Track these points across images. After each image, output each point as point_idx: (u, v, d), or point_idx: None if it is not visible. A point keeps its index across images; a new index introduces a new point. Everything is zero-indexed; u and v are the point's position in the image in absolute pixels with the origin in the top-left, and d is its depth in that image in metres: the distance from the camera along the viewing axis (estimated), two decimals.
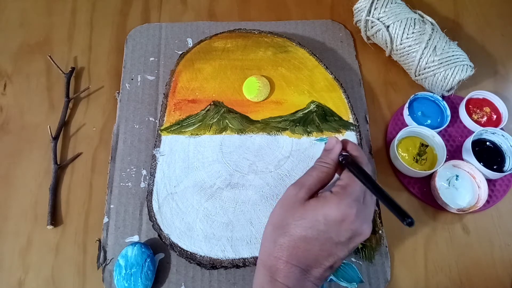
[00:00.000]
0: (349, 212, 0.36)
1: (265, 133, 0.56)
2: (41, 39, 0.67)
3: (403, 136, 0.58)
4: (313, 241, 0.36)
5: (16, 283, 0.50)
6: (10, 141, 0.58)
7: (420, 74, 0.61)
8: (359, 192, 0.37)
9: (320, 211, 0.36)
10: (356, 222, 0.36)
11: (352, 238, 0.37)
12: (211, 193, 0.52)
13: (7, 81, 0.63)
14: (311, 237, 0.36)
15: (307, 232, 0.36)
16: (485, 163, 0.56)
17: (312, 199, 0.38)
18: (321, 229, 0.36)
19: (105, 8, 0.70)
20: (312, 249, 0.37)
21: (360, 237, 0.37)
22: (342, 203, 0.36)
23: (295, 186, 0.39)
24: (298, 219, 0.37)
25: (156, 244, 0.51)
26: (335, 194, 0.37)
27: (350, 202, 0.36)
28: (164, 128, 0.56)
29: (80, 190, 0.55)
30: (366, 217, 0.38)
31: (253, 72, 0.60)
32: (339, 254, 0.37)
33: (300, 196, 0.38)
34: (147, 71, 0.63)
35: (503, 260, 0.53)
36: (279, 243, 0.37)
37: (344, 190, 0.37)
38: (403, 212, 0.33)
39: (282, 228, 0.38)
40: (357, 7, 0.64)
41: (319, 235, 0.36)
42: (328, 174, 0.40)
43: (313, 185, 0.39)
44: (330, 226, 0.36)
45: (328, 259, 0.37)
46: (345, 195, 0.37)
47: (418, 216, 0.55)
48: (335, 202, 0.36)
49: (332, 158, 0.41)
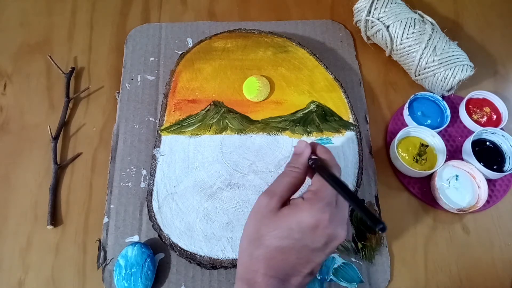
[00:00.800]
0: (322, 217, 0.35)
1: (265, 133, 0.56)
2: (41, 39, 0.67)
3: (403, 136, 0.58)
4: (289, 251, 0.36)
5: (16, 283, 0.50)
6: (10, 141, 0.58)
7: (420, 74, 0.61)
8: (331, 196, 0.37)
9: (293, 219, 0.36)
10: (330, 227, 0.36)
11: (328, 243, 0.36)
12: (211, 193, 0.52)
13: (7, 81, 0.63)
14: (286, 247, 0.36)
15: (282, 242, 0.36)
16: (485, 163, 0.56)
17: (284, 208, 0.37)
18: (296, 237, 0.36)
19: (105, 8, 0.70)
20: (289, 258, 0.36)
21: (336, 241, 0.37)
22: (314, 209, 0.35)
23: (266, 195, 0.38)
24: (272, 229, 0.36)
25: (156, 244, 0.51)
26: (306, 200, 0.36)
27: (322, 207, 0.36)
28: (164, 128, 0.56)
29: (80, 190, 0.55)
30: (339, 220, 0.37)
31: (253, 72, 0.60)
32: (316, 260, 0.37)
33: (271, 205, 0.37)
34: (147, 71, 0.63)
35: (503, 260, 0.53)
36: (255, 256, 0.37)
37: (316, 195, 0.37)
38: (374, 217, 0.32)
39: (257, 240, 0.37)
40: (357, 7, 0.64)
41: (294, 244, 0.36)
42: (298, 179, 0.39)
43: (284, 192, 0.38)
44: (305, 233, 0.35)
45: (306, 266, 0.37)
46: (316, 200, 0.36)
47: (418, 216, 0.55)
48: (307, 208, 0.36)
49: (301, 162, 0.40)
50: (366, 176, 0.56)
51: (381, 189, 0.56)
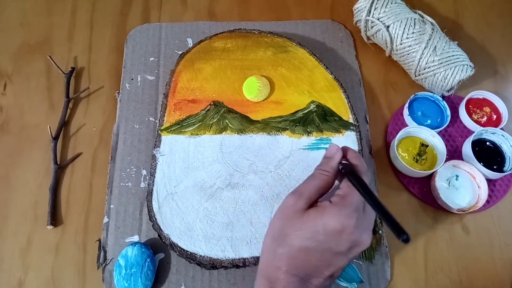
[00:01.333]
0: (348, 222, 0.35)
1: (265, 133, 0.56)
2: (41, 39, 0.67)
3: (403, 136, 0.58)
4: (312, 252, 0.36)
5: (16, 283, 0.50)
6: (10, 141, 0.58)
7: (420, 74, 0.61)
8: (358, 202, 0.37)
9: (319, 222, 0.36)
10: (355, 233, 0.36)
11: (352, 248, 0.37)
12: (211, 193, 0.52)
13: (7, 81, 0.63)
14: (310, 248, 0.36)
15: (306, 243, 0.36)
16: (485, 163, 0.56)
17: (311, 209, 0.37)
18: (320, 239, 0.36)
19: (105, 8, 0.70)
20: (311, 259, 0.36)
21: (360, 247, 0.37)
22: (341, 214, 0.36)
23: (294, 195, 0.39)
24: (297, 229, 0.37)
25: (156, 244, 0.51)
26: (334, 204, 0.37)
27: (349, 213, 0.36)
28: (164, 128, 0.56)
29: (80, 190, 0.55)
30: (365, 227, 0.37)
31: (253, 72, 0.60)
32: (339, 264, 0.37)
33: (299, 205, 0.38)
34: (147, 71, 0.63)
35: (503, 260, 0.53)
36: (279, 253, 0.37)
37: (343, 200, 0.37)
38: (399, 228, 0.32)
39: (281, 238, 0.37)
40: (357, 7, 0.64)
41: (318, 246, 0.36)
42: (328, 182, 0.40)
43: (312, 194, 0.39)
44: (330, 237, 0.36)
45: (328, 269, 0.37)
46: (344, 205, 0.36)
47: (418, 216, 0.55)
48: (334, 212, 0.36)
49: (332, 166, 0.40)
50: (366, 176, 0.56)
51: (381, 189, 0.56)
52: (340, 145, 0.55)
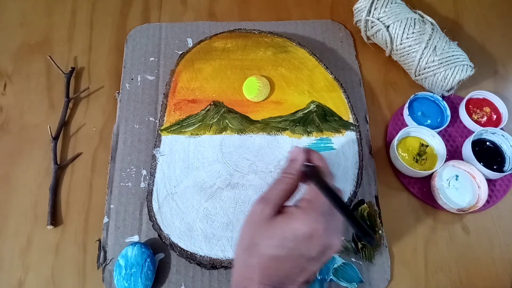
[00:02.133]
0: (317, 227, 0.35)
1: (265, 133, 0.56)
2: (41, 39, 0.67)
3: (403, 136, 0.58)
4: (283, 259, 0.35)
5: (16, 283, 0.50)
6: (10, 141, 0.58)
7: (420, 74, 0.61)
8: (325, 205, 0.36)
9: (287, 228, 0.35)
10: (325, 236, 0.35)
11: (323, 252, 0.36)
12: (211, 193, 0.52)
13: (7, 81, 0.63)
14: (281, 256, 0.35)
15: (276, 251, 0.35)
16: (485, 163, 0.56)
17: (279, 216, 0.37)
18: (290, 246, 0.35)
19: (105, 8, 0.70)
20: (283, 267, 0.36)
21: (330, 250, 0.36)
22: (309, 218, 0.35)
23: (260, 203, 0.38)
24: (266, 238, 0.36)
25: (156, 244, 0.51)
26: (301, 209, 0.36)
27: (317, 217, 0.35)
28: (164, 128, 0.56)
29: (80, 190, 0.55)
30: (335, 229, 0.37)
31: (253, 72, 0.60)
32: (311, 269, 0.36)
33: (266, 213, 0.37)
34: (147, 71, 0.63)
35: (503, 260, 0.53)
36: (250, 264, 0.36)
37: (311, 204, 0.36)
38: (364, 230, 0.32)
39: (251, 248, 0.36)
40: (357, 7, 0.64)
41: (289, 253, 0.35)
42: (293, 185, 0.39)
43: (279, 199, 0.38)
44: (299, 243, 0.35)
45: (301, 275, 0.36)
46: (311, 209, 0.36)
47: (418, 216, 0.55)
48: (301, 217, 0.35)
49: (296, 169, 0.40)
50: (366, 176, 0.56)
51: (381, 189, 0.56)
52: (340, 145, 0.55)
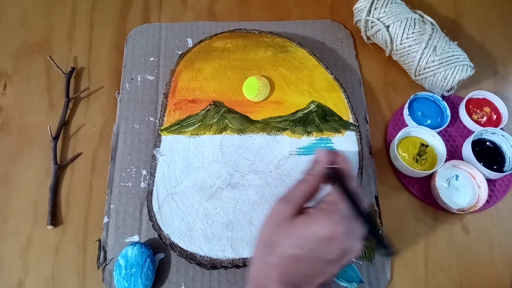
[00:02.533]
0: (338, 230, 0.34)
1: (265, 133, 0.56)
2: (41, 39, 0.67)
3: (403, 136, 0.58)
4: (302, 260, 0.35)
5: (16, 283, 0.50)
6: (10, 141, 0.58)
7: (420, 74, 0.61)
8: (348, 209, 0.36)
9: (308, 229, 0.35)
10: (345, 240, 0.35)
11: (342, 255, 0.36)
12: (211, 193, 0.52)
13: (7, 81, 0.63)
14: (300, 256, 0.35)
15: (296, 251, 0.35)
16: (485, 163, 0.56)
17: (300, 216, 0.36)
18: (310, 247, 0.35)
19: (105, 8, 0.70)
20: (302, 267, 0.35)
21: (351, 254, 0.36)
22: (331, 221, 0.35)
23: (282, 202, 0.38)
24: (286, 237, 0.36)
25: (156, 244, 0.51)
26: (323, 211, 0.36)
27: (339, 220, 0.35)
28: (164, 128, 0.56)
29: (80, 190, 0.55)
30: (356, 233, 0.36)
31: (253, 72, 0.60)
32: (330, 272, 0.36)
33: (287, 212, 0.37)
34: (147, 71, 0.63)
35: (503, 260, 0.53)
36: (269, 262, 0.36)
37: (333, 206, 0.36)
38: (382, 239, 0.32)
39: (271, 246, 0.36)
40: (357, 7, 0.64)
41: (308, 254, 0.35)
42: (315, 187, 0.39)
43: (300, 199, 0.38)
44: (320, 245, 0.35)
45: (319, 277, 0.36)
46: (333, 212, 0.36)
47: (418, 216, 0.55)
48: (323, 219, 0.35)
49: (318, 170, 0.40)
50: (366, 176, 0.56)
51: (381, 189, 0.56)
52: (340, 145, 0.55)
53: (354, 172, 0.40)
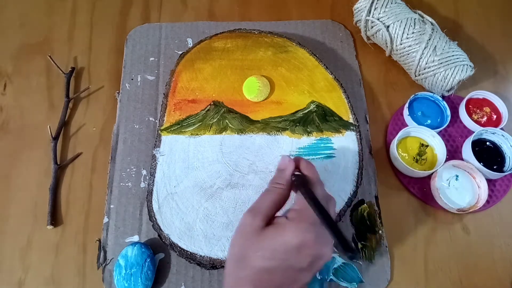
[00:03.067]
0: (307, 237, 0.35)
1: (265, 133, 0.56)
2: (41, 39, 0.67)
3: (403, 136, 0.58)
4: (275, 271, 0.35)
5: (16, 283, 0.50)
6: (10, 141, 0.58)
7: (420, 74, 0.61)
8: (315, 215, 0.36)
9: (278, 240, 0.35)
10: (315, 247, 0.35)
11: (313, 262, 0.36)
12: (211, 193, 0.52)
13: (7, 81, 0.63)
14: (272, 268, 0.35)
15: (267, 263, 0.35)
16: (485, 163, 0.56)
17: (269, 227, 0.36)
18: (281, 258, 0.35)
19: (105, 8, 0.70)
20: (275, 279, 0.35)
21: (321, 260, 0.36)
22: (299, 229, 0.35)
23: (250, 214, 0.37)
24: (256, 250, 0.35)
25: (156, 244, 0.51)
26: (291, 220, 0.36)
27: (307, 227, 0.35)
28: (164, 128, 0.56)
29: (80, 190, 0.55)
30: (325, 239, 0.36)
31: (253, 72, 0.60)
32: (303, 280, 0.36)
33: (256, 224, 0.36)
34: (147, 71, 0.63)
35: (503, 260, 0.53)
36: (241, 277, 0.36)
37: (300, 214, 0.36)
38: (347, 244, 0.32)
39: (242, 261, 0.36)
40: (357, 7, 0.64)
41: (280, 264, 0.35)
42: (283, 195, 0.39)
43: (269, 209, 0.38)
44: (290, 254, 0.35)
45: (292, 286, 0.36)
46: (301, 220, 0.36)
47: (418, 216, 0.55)
48: (291, 229, 0.35)
49: (285, 179, 0.39)
50: (366, 176, 0.56)
51: (381, 189, 0.56)
52: (340, 145, 0.55)
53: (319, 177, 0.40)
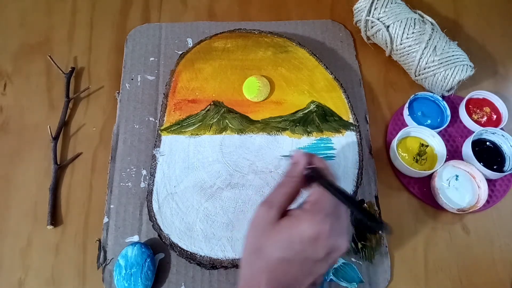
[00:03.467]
0: (323, 228, 0.35)
1: (265, 133, 0.56)
2: (41, 39, 0.67)
3: (403, 136, 0.58)
4: (290, 262, 0.35)
5: (16, 283, 0.50)
6: (10, 141, 0.58)
7: (420, 74, 0.61)
8: (330, 206, 0.36)
9: (293, 231, 0.35)
10: (331, 238, 0.35)
11: (329, 253, 0.36)
12: (211, 193, 0.52)
13: (7, 81, 0.63)
14: (288, 259, 0.35)
15: (283, 254, 0.35)
16: (485, 163, 0.56)
17: (284, 219, 0.37)
18: (297, 249, 0.35)
19: (105, 8, 0.70)
20: (290, 270, 0.35)
21: (337, 251, 0.36)
22: (315, 220, 0.35)
23: (265, 206, 0.38)
24: (272, 241, 0.36)
25: (156, 244, 0.51)
26: (306, 211, 0.36)
27: (323, 218, 0.35)
28: (164, 128, 0.56)
29: (80, 190, 0.55)
30: (341, 230, 0.37)
31: (253, 72, 0.60)
32: (319, 272, 0.36)
33: (271, 216, 0.37)
34: (147, 71, 0.63)
35: (503, 260, 0.53)
36: (257, 268, 0.36)
37: (315, 205, 0.36)
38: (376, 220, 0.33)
39: (257, 252, 0.36)
40: (357, 7, 0.64)
41: (296, 256, 0.35)
42: (296, 188, 0.39)
43: (283, 202, 0.38)
44: (306, 245, 0.35)
45: (308, 278, 0.36)
46: (316, 211, 0.36)
47: (418, 216, 0.55)
48: (307, 219, 0.35)
49: (299, 171, 0.40)
50: (366, 176, 0.56)
51: (381, 189, 0.56)
52: (340, 145, 0.55)
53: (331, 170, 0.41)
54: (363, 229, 0.53)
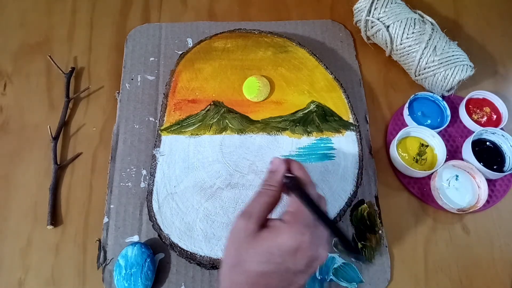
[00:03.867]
0: (302, 239, 0.35)
1: (265, 133, 0.56)
2: (41, 39, 0.67)
3: (403, 136, 0.58)
4: (271, 275, 0.35)
5: (16, 283, 0.50)
6: (10, 141, 0.58)
7: (420, 74, 0.61)
8: (309, 216, 0.36)
9: (273, 243, 0.35)
10: (311, 248, 0.35)
11: (309, 264, 0.36)
12: (211, 193, 0.52)
13: (7, 81, 0.63)
14: (268, 271, 0.35)
15: (263, 267, 0.35)
16: (485, 163, 0.56)
17: (263, 231, 0.36)
18: (277, 261, 0.35)
19: (105, 8, 0.70)
20: (271, 282, 0.35)
21: (317, 261, 0.36)
22: (294, 231, 0.35)
23: (243, 218, 0.37)
24: (252, 254, 0.35)
25: (156, 244, 0.51)
26: (286, 223, 0.36)
27: (302, 229, 0.35)
28: (164, 128, 0.56)
29: (80, 190, 0.55)
30: (320, 240, 0.36)
31: (253, 72, 0.60)
32: (299, 282, 0.36)
33: (250, 228, 0.36)
34: (147, 71, 0.63)
35: (503, 260, 0.53)
36: (237, 282, 0.36)
37: (294, 216, 0.36)
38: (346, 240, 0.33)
39: (237, 266, 0.36)
40: (357, 7, 0.64)
41: (276, 268, 0.35)
42: (275, 197, 0.39)
43: (262, 212, 0.37)
44: (286, 257, 0.35)
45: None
46: (295, 222, 0.35)
47: (418, 216, 0.55)
48: (287, 231, 0.35)
49: (277, 180, 0.39)
50: (366, 176, 0.56)
51: (381, 189, 0.56)
52: (340, 145, 0.55)
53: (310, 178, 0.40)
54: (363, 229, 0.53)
